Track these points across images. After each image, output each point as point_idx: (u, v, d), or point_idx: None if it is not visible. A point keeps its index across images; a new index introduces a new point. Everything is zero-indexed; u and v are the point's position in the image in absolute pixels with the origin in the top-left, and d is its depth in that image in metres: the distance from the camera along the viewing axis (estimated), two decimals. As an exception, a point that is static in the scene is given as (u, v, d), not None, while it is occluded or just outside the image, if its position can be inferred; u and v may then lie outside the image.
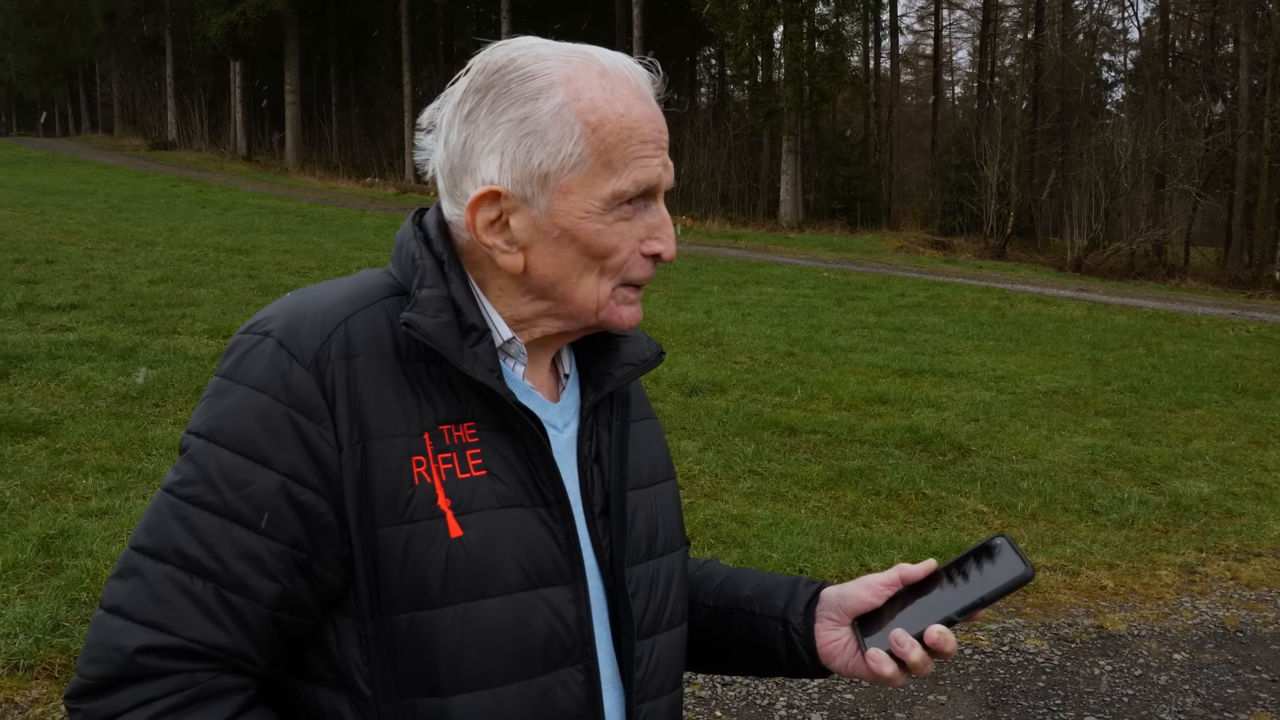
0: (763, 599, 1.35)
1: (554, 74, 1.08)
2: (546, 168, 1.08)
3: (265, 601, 1.02)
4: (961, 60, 54.90)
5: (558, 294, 1.12)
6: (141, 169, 31.04)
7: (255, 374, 1.05)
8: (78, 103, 59.05)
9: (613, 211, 1.10)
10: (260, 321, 1.10)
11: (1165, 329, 14.30)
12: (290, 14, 35.66)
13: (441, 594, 1.04)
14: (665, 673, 1.23)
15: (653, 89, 1.15)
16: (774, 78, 32.95)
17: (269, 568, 1.02)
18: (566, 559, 1.11)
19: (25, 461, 5.52)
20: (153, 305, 9.69)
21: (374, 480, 1.03)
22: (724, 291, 14.80)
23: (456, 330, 1.08)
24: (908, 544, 5.46)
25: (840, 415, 8.14)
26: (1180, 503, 6.53)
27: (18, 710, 3.37)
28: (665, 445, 1.35)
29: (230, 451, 1.03)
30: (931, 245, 27.89)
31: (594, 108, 1.08)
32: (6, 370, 7.08)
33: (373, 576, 1.04)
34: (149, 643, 0.99)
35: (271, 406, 1.03)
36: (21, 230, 14.44)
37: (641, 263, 1.14)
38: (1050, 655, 4.37)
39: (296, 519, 1.02)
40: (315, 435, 1.03)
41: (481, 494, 1.07)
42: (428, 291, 1.09)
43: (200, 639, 1.01)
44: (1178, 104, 30.49)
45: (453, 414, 1.08)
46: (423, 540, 1.04)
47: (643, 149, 1.10)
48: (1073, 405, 9.15)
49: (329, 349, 1.05)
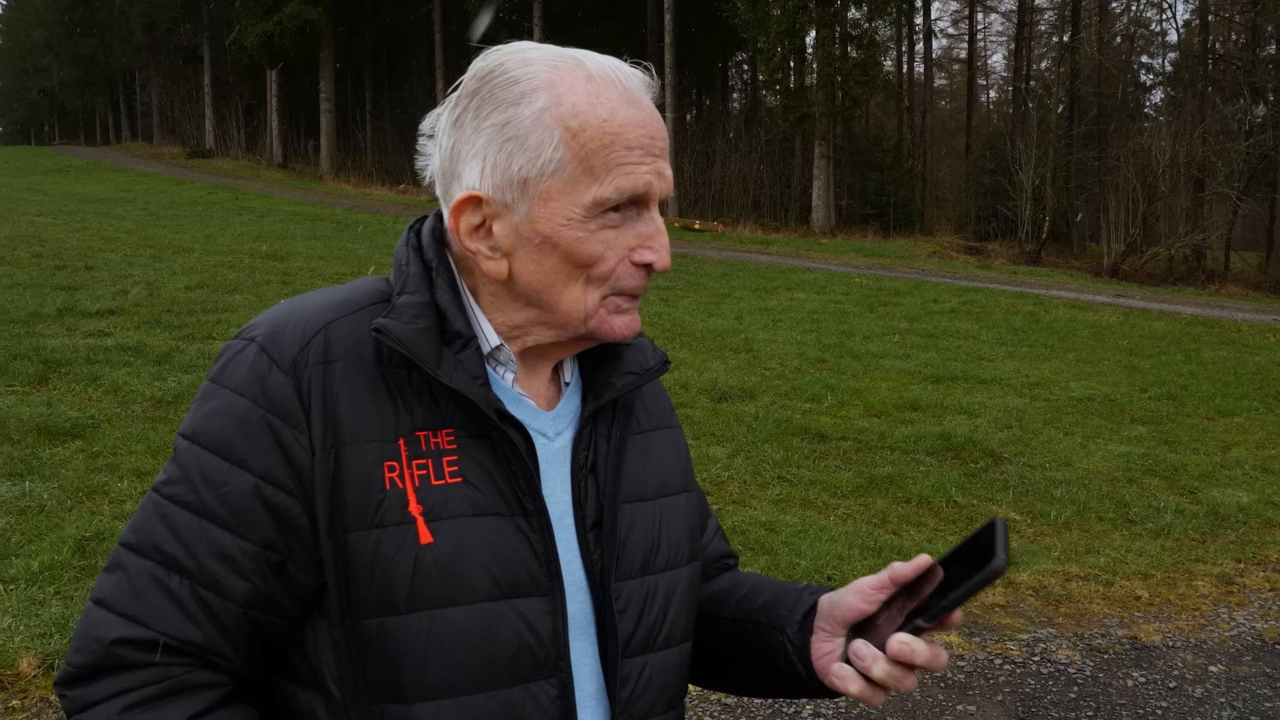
0: (770, 608, 1.27)
1: (537, 79, 1.07)
2: (526, 173, 1.06)
3: (237, 600, 1.04)
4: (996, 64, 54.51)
5: (544, 302, 1.10)
6: (180, 177, 31.50)
7: (238, 378, 1.07)
8: (118, 111, 60.09)
9: (596, 219, 1.07)
10: (249, 328, 1.11)
11: (1204, 335, 14.08)
12: (325, 23, 36.04)
13: (408, 600, 1.04)
14: (658, 693, 1.19)
15: (648, 93, 1.11)
16: (806, 83, 32.82)
17: (241, 567, 1.04)
18: (544, 570, 1.09)
19: (63, 464, 5.61)
20: (189, 311, 9.82)
21: (346, 485, 1.04)
22: (755, 297, 14.76)
23: (436, 336, 1.08)
24: (938, 552, 5.38)
25: (871, 422, 8.08)
26: (1218, 512, 6.42)
27: (53, 709, 3.42)
28: (685, 457, 1.32)
29: (210, 453, 1.05)
30: (965, 251, 27.63)
31: (575, 113, 1.05)
32: (46, 375, 7.20)
33: (343, 581, 1.04)
34: (126, 635, 1.02)
35: (250, 410, 1.05)
36: (62, 237, 14.69)
37: (633, 272, 1.10)
38: (1082, 666, 4.31)
39: (270, 520, 1.04)
40: (290, 439, 1.04)
41: (455, 501, 1.06)
42: (407, 298, 1.10)
43: (174, 634, 1.03)
44: (1218, 107, 30.03)
45: (431, 420, 1.08)
46: (391, 546, 1.03)
47: (627, 155, 1.06)
48: (1108, 412, 9.03)
49: (307, 354, 1.06)
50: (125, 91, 57.97)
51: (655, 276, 1.13)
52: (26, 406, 6.41)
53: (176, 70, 48.24)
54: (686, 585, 1.24)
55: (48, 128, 71.43)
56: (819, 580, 4.89)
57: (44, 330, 8.51)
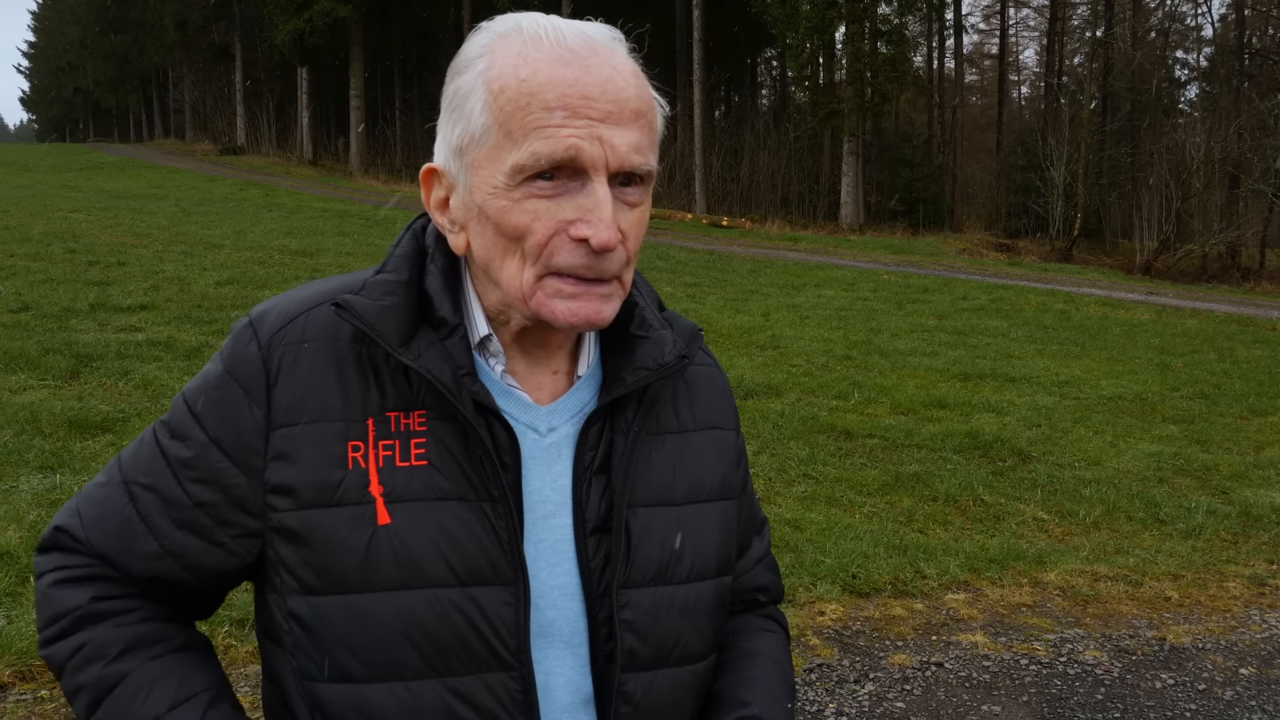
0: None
1: (483, 43, 1.04)
2: (461, 141, 1.04)
3: (157, 538, 1.10)
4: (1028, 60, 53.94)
5: (493, 278, 1.06)
6: (211, 173, 31.81)
7: (227, 350, 1.12)
8: (151, 109, 60.80)
9: (520, 188, 1.00)
10: (254, 308, 1.16)
11: (1238, 333, 13.88)
12: (355, 21, 36.27)
13: (362, 580, 1.03)
14: (665, 712, 1.13)
15: (604, 55, 1.01)
16: (835, 79, 32.66)
17: (170, 514, 1.10)
18: (507, 560, 1.05)
19: (93, 458, 5.68)
20: (219, 306, 9.91)
21: (303, 461, 1.05)
22: (782, 294, 14.70)
23: (407, 315, 1.07)
24: (964, 550, 5.36)
25: (898, 419, 8.03)
26: (1250, 513, 6.32)
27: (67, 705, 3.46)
28: (733, 462, 1.24)
29: (186, 409, 1.11)
30: (995, 248, 27.40)
31: (499, 74, 1.00)
32: (78, 369, 7.29)
33: (299, 556, 1.05)
34: (66, 525, 1.15)
35: (222, 379, 1.09)
36: (95, 233, 14.88)
37: (570, 247, 1.01)
38: (1110, 667, 4.26)
39: (210, 483, 1.08)
40: (245, 410, 1.07)
41: (417, 484, 1.04)
42: (382, 276, 1.10)
43: (95, 543, 1.12)
44: (1254, 102, 29.58)
45: (403, 401, 1.07)
46: (347, 524, 1.04)
47: (546, 117, 0.98)
48: (1139, 411, 8.92)
49: (284, 334, 1.09)
50: (158, 89, 58.61)
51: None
52: (58, 400, 6.49)
53: (208, 68, 48.72)
54: (711, 599, 1.17)
55: (82, 125, 72.40)
56: (844, 579, 4.86)
57: (76, 325, 8.62)
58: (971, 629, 4.53)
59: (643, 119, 1.03)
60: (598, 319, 1.05)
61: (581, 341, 1.16)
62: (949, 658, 4.24)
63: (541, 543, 1.09)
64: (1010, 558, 5.32)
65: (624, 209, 1.03)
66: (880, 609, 4.67)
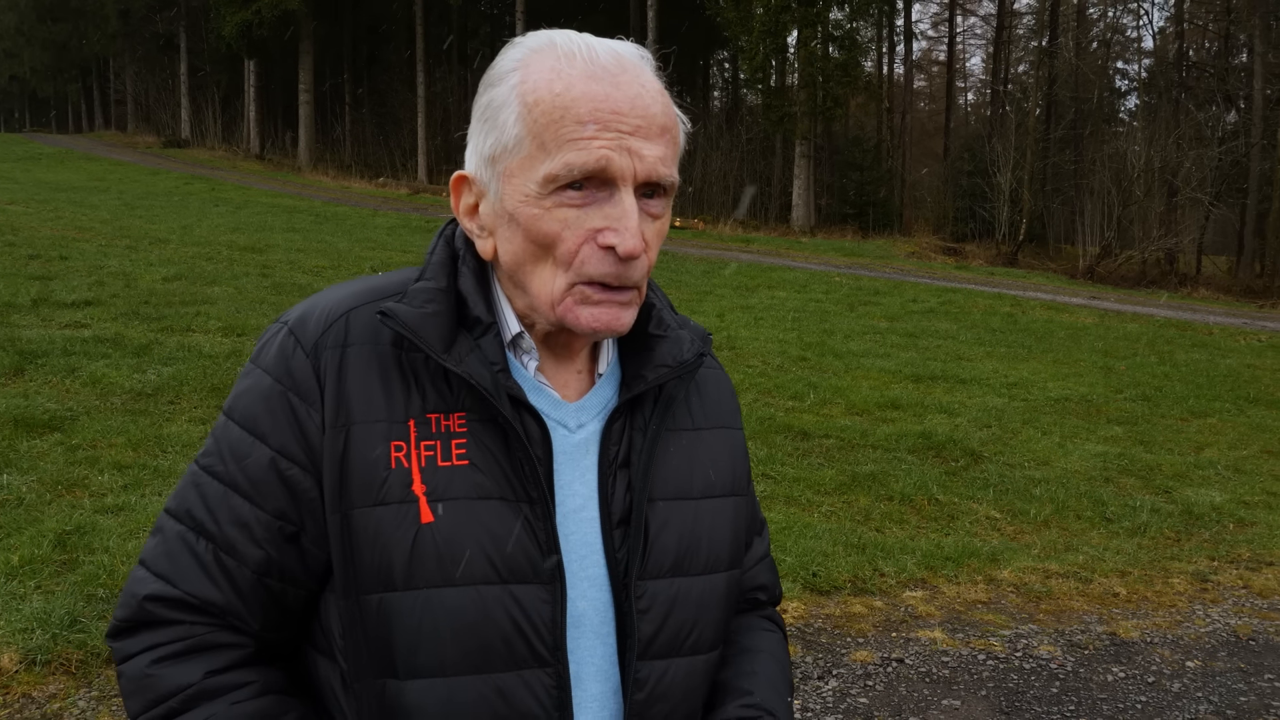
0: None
1: (516, 58, 1.09)
2: (494, 150, 1.08)
3: (251, 566, 1.09)
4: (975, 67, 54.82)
5: (521, 283, 1.10)
6: (155, 166, 31.18)
7: (268, 359, 1.12)
8: (91, 100, 59.35)
9: (551, 196, 1.05)
10: (287, 313, 1.17)
11: (1177, 338, 14.25)
12: (305, 13, 35.78)
13: (405, 577, 1.06)
14: (679, 700, 1.16)
15: (633, 73, 1.07)
16: (788, 82, 32.93)
17: (256, 535, 1.09)
18: (545, 559, 1.08)
19: (41, 457, 5.55)
20: (167, 303, 9.73)
21: (352, 462, 1.07)
22: (736, 295, 14.80)
23: (448, 322, 1.10)
24: (921, 549, 5.45)
25: (853, 420, 8.13)
26: (1192, 511, 6.51)
27: (35, 705, 3.39)
28: (741, 461, 1.29)
29: (239, 427, 1.11)
30: (943, 251, 27.82)
31: (533, 88, 1.05)
32: (22, 366, 7.11)
33: (347, 556, 1.07)
34: (155, 592, 1.10)
35: (273, 389, 1.10)
36: (35, 226, 14.51)
37: (599, 256, 1.06)
38: (1063, 661, 4.36)
39: (284, 492, 1.09)
40: (305, 416, 1.08)
41: (459, 483, 1.07)
42: (422, 284, 1.13)
43: (196, 594, 1.09)
44: (1191, 113, 30.42)
45: (444, 404, 1.09)
46: (392, 523, 1.06)
47: (579, 130, 1.03)
48: (1085, 412, 9.13)
49: (327, 338, 1.11)
50: (99, 79, 57.24)
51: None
52: (2, 398, 6.33)
53: (152, 58, 47.70)
54: (723, 592, 1.21)
55: (17, 114, 70.46)
56: (804, 577, 4.92)
57: (19, 321, 8.40)
58: (930, 625, 4.61)
59: (668, 134, 1.08)
60: (618, 325, 1.10)
61: (601, 341, 1.20)
62: (909, 654, 4.31)
63: (572, 535, 1.12)
64: (965, 556, 5.42)
65: (647, 220, 1.09)
66: (841, 606, 4.74)
